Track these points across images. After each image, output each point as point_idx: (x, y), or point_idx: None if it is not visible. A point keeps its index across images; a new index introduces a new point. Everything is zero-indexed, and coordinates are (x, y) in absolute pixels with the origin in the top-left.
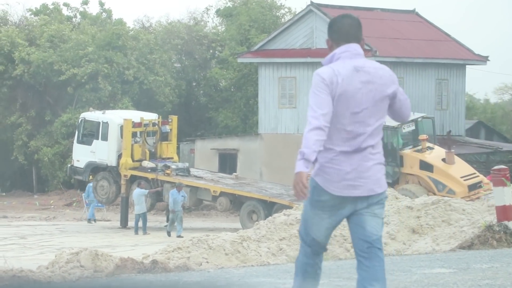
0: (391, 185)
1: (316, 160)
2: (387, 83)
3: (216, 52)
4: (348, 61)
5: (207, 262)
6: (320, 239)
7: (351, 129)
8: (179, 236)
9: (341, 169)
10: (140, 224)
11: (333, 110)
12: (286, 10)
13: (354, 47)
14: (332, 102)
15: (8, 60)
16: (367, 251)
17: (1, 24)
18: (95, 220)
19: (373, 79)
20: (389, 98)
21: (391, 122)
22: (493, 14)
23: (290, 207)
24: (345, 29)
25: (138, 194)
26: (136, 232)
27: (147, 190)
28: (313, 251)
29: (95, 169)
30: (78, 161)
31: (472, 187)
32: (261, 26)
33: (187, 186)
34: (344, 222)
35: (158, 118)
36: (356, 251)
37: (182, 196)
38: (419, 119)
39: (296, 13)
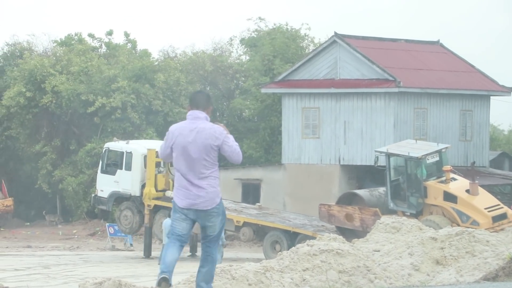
0: (415, 216)
1: None
2: (210, 138)
3: (240, 82)
4: (189, 122)
5: None
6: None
7: (185, 167)
8: None
9: (185, 192)
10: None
11: (173, 154)
12: (310, 40)
13: (196, 113)
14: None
15: (36, 88)
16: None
17: (27, 55)
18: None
19: (200, 135)
20: (216, 147)
21: (415, 153)
22: None
23: (313, 238)
24: (194, 100)
25: (167, 225)
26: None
27: None
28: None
29: (118, 199)
30: (102, 191)
31: (496, 219)
32: (285, 57)
33: None
34: None
35: None
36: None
37: None
38: (443, 150)
39: (320, 44)
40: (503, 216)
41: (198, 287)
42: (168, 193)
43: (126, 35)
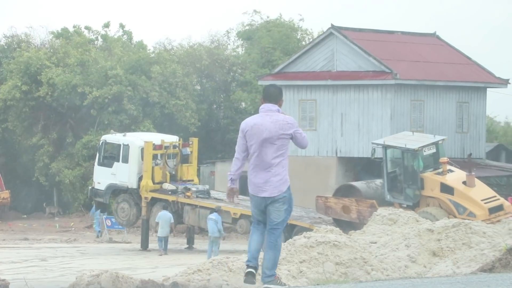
0: (412, 207)
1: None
2: (283, 128)
3: (237, 74)
4: (263, 114)
5: (227, 284)
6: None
7: (256, 156)
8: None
9: (254, 180)
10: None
11: (247, 144)
12: (303, 32)
13: (269, 106)
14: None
15: (33, 80)
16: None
17: (24, 46)
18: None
19: (274, 126)
20: (289, 136)
21: (411, 145)
22: None
23: (310, 230)
24: (267, 94)
25: (167, 217)
26: (165, 252)
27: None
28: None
29: (115, 191)
30: (99, 183)
31: (493, 210)
32: (285, 48)
33: (206, 208)
34: None
35: (179, 140)
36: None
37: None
38: (439, 142)
39: (317, 36)
40: (500, 207)
41: (262, 273)
42: (165, 186)
43: (122, 26)
